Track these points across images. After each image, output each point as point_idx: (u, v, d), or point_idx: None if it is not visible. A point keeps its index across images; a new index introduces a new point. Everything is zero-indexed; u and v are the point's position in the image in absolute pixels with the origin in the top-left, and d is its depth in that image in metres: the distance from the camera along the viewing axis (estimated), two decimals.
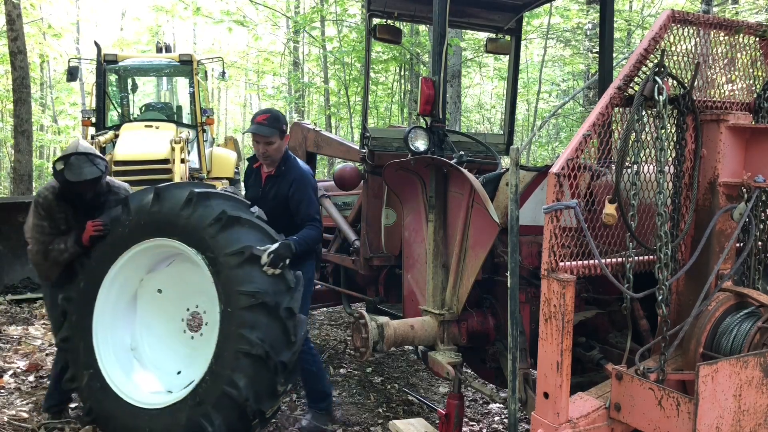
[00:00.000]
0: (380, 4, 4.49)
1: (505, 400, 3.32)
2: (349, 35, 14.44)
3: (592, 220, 2.52)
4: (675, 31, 2.64)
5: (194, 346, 3.91)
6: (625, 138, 2.43)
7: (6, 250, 7.47)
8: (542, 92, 17.51)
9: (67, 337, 3.89)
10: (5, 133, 18.65)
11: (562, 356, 2.31)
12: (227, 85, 26.10)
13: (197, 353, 3.79)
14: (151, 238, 3.76)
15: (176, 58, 10.33)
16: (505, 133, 5.10)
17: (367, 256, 4.41)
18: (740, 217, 2.59)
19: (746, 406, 2.24)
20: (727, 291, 2.64)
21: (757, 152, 2.63)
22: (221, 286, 3.48)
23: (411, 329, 3.54)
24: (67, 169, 3.75)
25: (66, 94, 24.37)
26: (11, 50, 10.61)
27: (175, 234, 3.66)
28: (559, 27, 15.25)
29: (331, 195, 5.21)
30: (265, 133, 3.95)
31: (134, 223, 3.79)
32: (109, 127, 9.77)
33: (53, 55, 20.88)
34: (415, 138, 3.65)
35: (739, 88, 2.88)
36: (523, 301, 3.23)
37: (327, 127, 15.89)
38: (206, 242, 3.54)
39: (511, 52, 5.00)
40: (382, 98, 16.45)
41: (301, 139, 5.55)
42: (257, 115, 4.07)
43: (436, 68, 3.65)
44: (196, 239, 3.58)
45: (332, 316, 7.24)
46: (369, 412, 4.63)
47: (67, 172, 3.75)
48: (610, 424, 2.47)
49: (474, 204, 3.40)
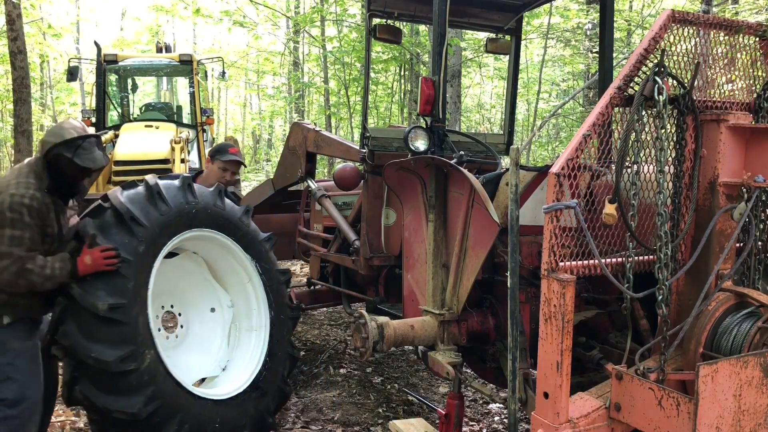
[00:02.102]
0: (380, 4, 4.49)
1: (505, 400, 3.32)
2: (349, 35, 14.45)
3: (592, 220, 2.52)
4: (675, 31, 2.64)
5: (167, 346, 3.78)
6: (625, 138, 2.43)
7: None
8: (542, 92, 17.51)
9: (122, 304, 3.21)
10: (5, 133, 18.66)
11: (562, 356, 2.31)
12: (227, 85, 26.10)
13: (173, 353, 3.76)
14: (211, 230, 3.78)
15: (176, 58, 10.35)
16: (505, 133, 5.10)
17: (367, 256, 4.40)
18: (740, 217, 2.59)
19: (746, 406, 2.24)
20: (727, 291, 2.64)
21: (757, 152, 2.63)
22: (273, 296, 3.97)
23: (411, 329, 3.54)
24: (80, 155, 3.14)
25: (66, 94, 24.38)
26: (11, 50, 10.61)
27: (234, 236, 3.87)
28: (559, 27, 15.25)
29: (331, 195, 5.21)
30: (243, 163, 4.55)
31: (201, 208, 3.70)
32: (109, 127, 9.79)
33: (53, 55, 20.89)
34: (415, 138, 3.65)
35: (739, 88, 2.88)
36: (523, 301, 3.23)
37: (327, 127, 15.88)
38: (262, 254, 3.97)
39: (511, 52, 5.00)
40: (382, 98, 16.45)
41: (301, 139, 5.55)
42: (229, 147, 4.48)
43: (436, 68, 3.65)
44: (254, 249, 3.94)
45: (332, 316, 7.24)
46: (369, 412, 4.63)
47: (82, 158, 3.15)
48: (610, 424, 2.47)
49: (474, 204, 3.40)
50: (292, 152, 5.70)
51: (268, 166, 22.49)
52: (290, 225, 5.97)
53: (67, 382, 3.22)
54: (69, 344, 3.16)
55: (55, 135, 3.20)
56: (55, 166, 3.17)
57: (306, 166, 5.47)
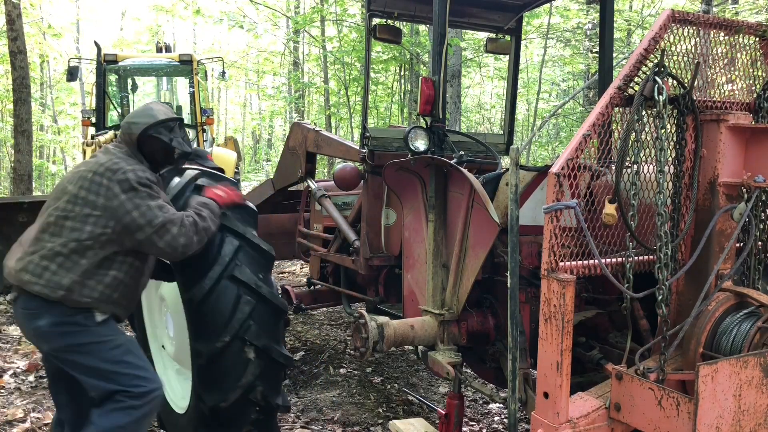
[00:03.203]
0: (380, 4, 4.49)
1: (505, 400, 3.32)
2: (349, 35, 14.46)
3: (592, 220, 2.52)
4: (675, 31, 2.63)
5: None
6: (625, 138, 2.43)
7: (6, 250, 7.44)
8: (542, 92, 17.51)
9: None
10: (5, 133, 18.67)
11: (562, 356, 2.31)
12: (227, 85, 26.11)
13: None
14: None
15: (176, 58, 10.35)
16: (505, 133, 5.10)
17: (367, 256, 4.40)
18: (740, 217, 2.59)
19: (746, 406, 2.24)
20: (727, 291, 2.64)
21: (757, 152, 2.63)
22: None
23: (411, 329, 3.54)
24: (173, 136, 3.12)
25: (66, 94, 24.40)
26: (11, 50, 10.61)
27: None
28: (559, 27, 15.26)
29: (331, 195, 5.21)
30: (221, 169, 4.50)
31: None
32: (109, 127, 9.79)
33: (53, 55, 20.92)
34: (415, 138, 3.65)
35: (739, 88, 2.88)
36: (523, 301, 3.23)
37: (327, 127, 15.89)
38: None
39: (511, 52, 5.00)
40: (382, 98, 16.45)
41: (301, 139, 5.55)
42: (206, 154, 4.32)
43: (436, 68, 3.65)
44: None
45: (332, 316, 7.24)
46: (369, 412, 4.63)
47: (174, 140, 3.12)
48: (610, 424, 2.47)
49: (474, 204, 3.40)
50: (292, 152, 5.70)
51: (268, 166, 22.50)
52: (290, 225, 5.97)
53: (248, 384, 3.18)
54: (263, 344, 3.17)
55: (147, 116, 3.09)
56: (149, 148, 3.08)
57: (306, 166, 5.47)
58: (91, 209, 2.87)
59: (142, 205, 2.86)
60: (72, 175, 3.02)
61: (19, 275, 2.88)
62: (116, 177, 2.88)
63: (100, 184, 2.88)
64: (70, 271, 2.83)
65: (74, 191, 2.90)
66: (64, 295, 2.82)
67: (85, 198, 2.88)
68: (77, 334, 2.89)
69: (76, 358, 2.91)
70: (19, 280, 2.88)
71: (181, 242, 2.91)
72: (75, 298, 2.84)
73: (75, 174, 3.00)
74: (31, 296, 2.85)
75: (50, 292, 2.81)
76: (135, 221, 2.85)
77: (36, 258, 2.86)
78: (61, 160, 24.63)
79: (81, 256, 2.85)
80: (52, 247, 2.86)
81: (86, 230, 2.85)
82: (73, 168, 3.14)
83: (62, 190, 2.97)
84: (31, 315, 2.89)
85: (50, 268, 2.83)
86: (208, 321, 3.12)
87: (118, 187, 2.86)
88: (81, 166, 3.07)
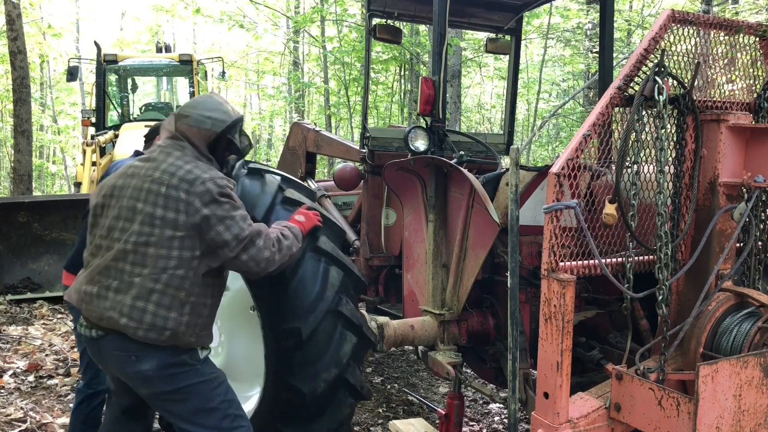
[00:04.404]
0: (380, 4, 4.49)
1: (505, 400, 3.32)
2: (349, 35, 14.44)
3: (592, 220, 2.52)
4: (675, 31, 2.64)
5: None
6: (625, 138, 2.43)
7: (6, 250, 7.46)
8: (542, 92, 17.51)
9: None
10: (5, 133, 18.67)
11: (562, 356, 2.31)
12: (227, 85, 26.08)
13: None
14: None
15: (176, 58, 10.36)
16: (505, 133, 5.10)
17: (367, 256, 4.41)
18: (740, 217, 2.59)
19: (746, 406, 2.24)
20: (727, 291, 2.64)
21: (757, 152, 2.63)
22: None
23: (411, 329, 3.54)
24: (242, 138, 2.78)
25: (66, 94, 24.40)
26: (11, 50, 10.61)
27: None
28: (559, 27, 15.26)
29: (331, 195, 5.21)
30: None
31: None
32: (109, 127, 9.80)
33: (53, 55, 20.92)
34: (415, 138, 3.65)
35: (739, 88, 2.88)
36: (523, 301, 3.23)
37: (327, 127, 15.88)
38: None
39: (511, 52, 5.00)
40: (382, 98, 16.44)
41: (301, 139, 5.55)
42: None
43: (436, 68, 3.65)
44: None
45: None
46: (369, 412, 4.62)
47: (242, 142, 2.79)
48: (610, 424, 2.47)
49: (474, 204, 3.40)
50: (292, 152, 5.70)
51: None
52: None
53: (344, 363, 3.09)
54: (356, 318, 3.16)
55: (222, 111, 2.71)
56: (222, 149, 2.74)
57: (306, 166, 5.47)
58: (173, 230, 2.51)
59: (227, 218, 2.54)
60: (134, 190, 2.60)
61: (110, 316, 2.51)
62: (195, 189, 2.52)
63: (178, 199, 2.52)
64: (171, 310, 2.50)
65: (150, 210, 2.52)
66: (170, 335, 2.50)
67: (163, 217, 2.51)
68: (185, 375, 2.58)
69: (183, 401, 2.61)
70: (112, 322, 2.51)
71: (266, 256, 2.62)
72: (182, 338, 2.54)
73: (138, 189, 2.59)
74: (128, 338, 2.50)
75: (157, 336, 2.48)
76: (221, 236, 2.53)
77: (128, 300, 2.49)
78: (61, 160, 24.63)
79: (177, 289, 2.51)
80: (141, 283, 2.49)
81: (173, 255, 2.51)
82: (122, 176, 2.68)
83: (130, 208, 2.57)
84: (132, 358, 2.54)
85: (148, 309, 2.48)
86: (301, 297, 2.99)
87: (199, 201, 2.52)
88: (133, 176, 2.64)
